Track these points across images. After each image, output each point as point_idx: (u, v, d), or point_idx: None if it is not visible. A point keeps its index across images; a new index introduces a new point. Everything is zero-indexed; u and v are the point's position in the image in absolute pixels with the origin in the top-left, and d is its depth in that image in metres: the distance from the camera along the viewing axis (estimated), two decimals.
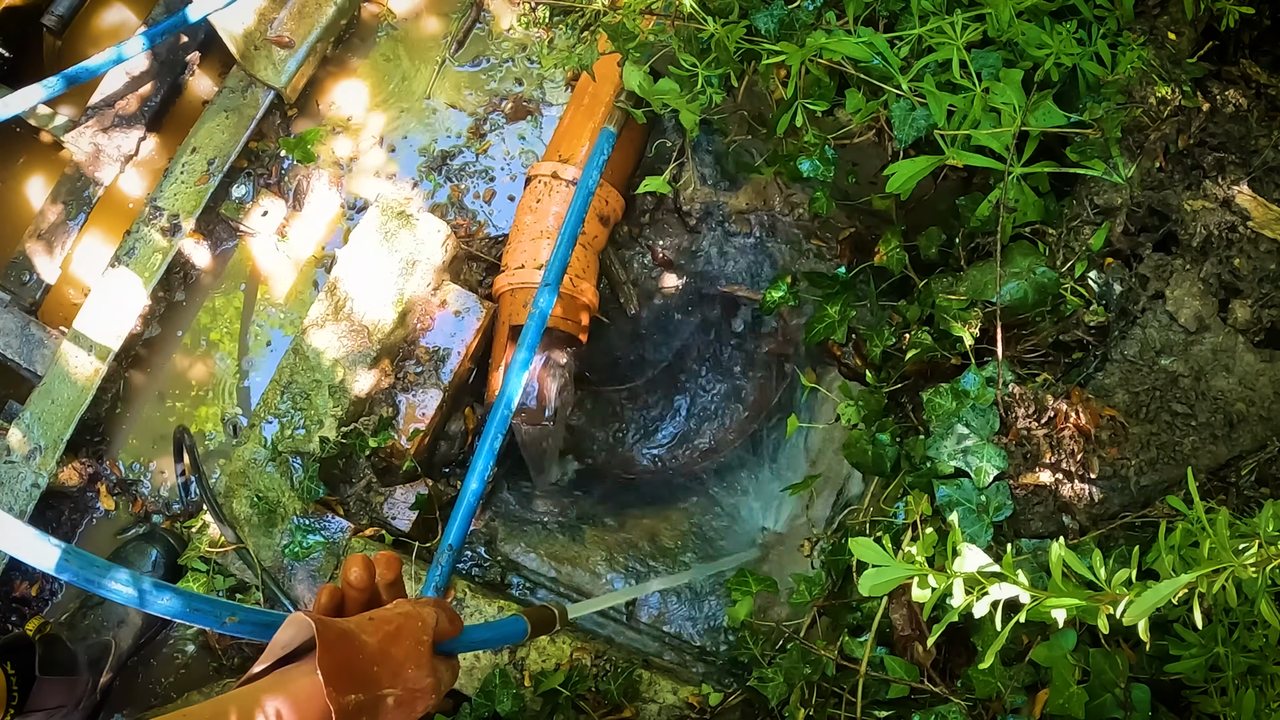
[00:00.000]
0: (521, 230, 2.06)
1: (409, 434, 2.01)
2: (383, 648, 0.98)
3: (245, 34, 2.21)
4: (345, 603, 1.07)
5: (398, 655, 0.99)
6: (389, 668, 0.98)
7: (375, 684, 0.96)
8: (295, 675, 0.94)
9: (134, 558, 2.02)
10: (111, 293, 2.16)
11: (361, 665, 0.95)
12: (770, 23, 1.68)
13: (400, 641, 1.00)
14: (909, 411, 1.82)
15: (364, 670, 0.95)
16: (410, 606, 1.05)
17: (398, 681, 0.98)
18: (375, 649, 0.97)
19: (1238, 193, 1.58)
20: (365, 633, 0.98)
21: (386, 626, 1.00)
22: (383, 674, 0.97)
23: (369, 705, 0.94)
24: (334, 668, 0.91)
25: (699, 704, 1.73)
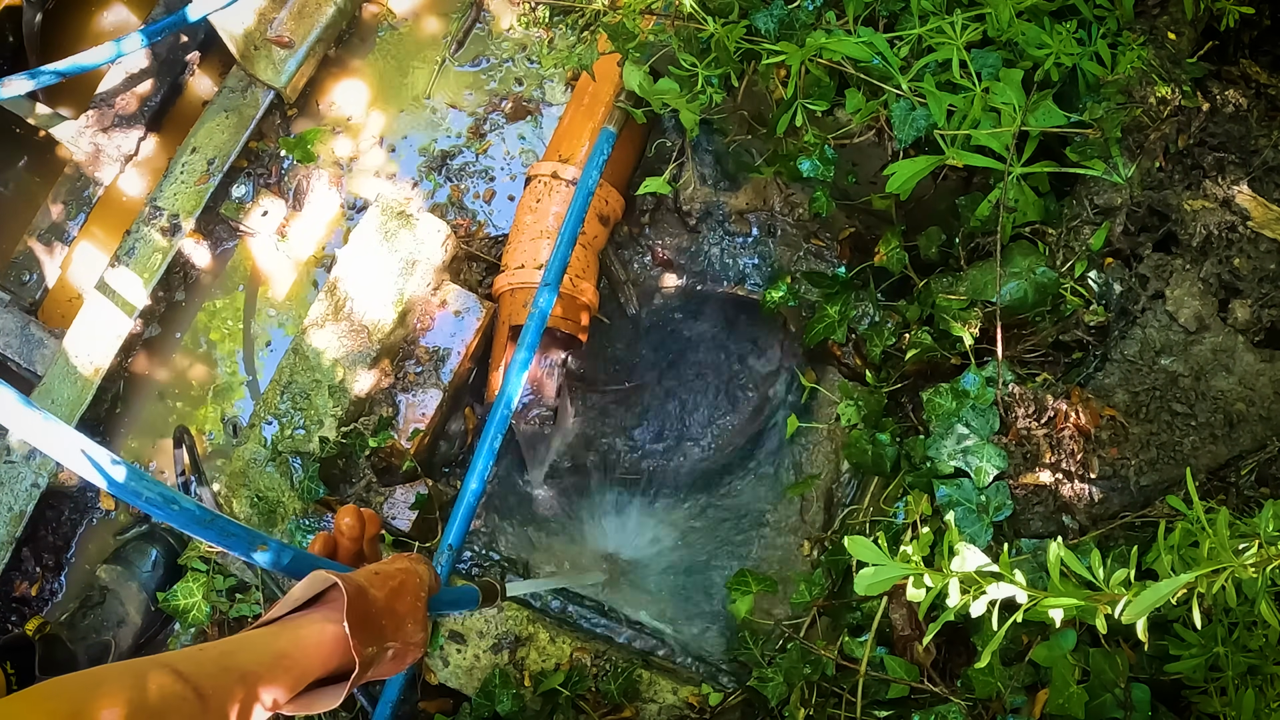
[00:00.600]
0: (521, 230, 2.06)
1: (409, 434, 2.01)
2: (389, 602, 1.02)
3: (245, 34, 2.21)
4: (338, 550, 1.13)
5: (401, 610, 1.03)
6: (393, 621, 1.01)
7: (382, 636, 0.99)
8: (305, 623, 0.97)
9: (134, 558, 2.02)
10: (111, 292, 2.16)
11: (374, 619, 0.99)
12: (770, 23, 1.68)
13: (403, 596, 1.04)
14: (909, 411, 1.82)
15: (375, 623, 0.99)
16: (408, 563, 1.09)
17: (399, 635, 1.02)
18: (383, 603, 1.01)
19: (1238, 193, 1.58)
20: (374, 587, 1.01)
21: (391, 582, 1.04)
22: (389, 627, 1.01)
23: (377, 656, 0.98)
24: (356, 621, 0.95)
25: (699, 704, 1.73)
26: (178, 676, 0.84)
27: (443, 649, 1.80)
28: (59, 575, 2.16)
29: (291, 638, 0.96)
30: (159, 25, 2.08)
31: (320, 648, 0.96)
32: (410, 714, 1.80)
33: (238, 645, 0.93)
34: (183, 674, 0.85)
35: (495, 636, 1.80)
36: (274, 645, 0.94)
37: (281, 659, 0.92)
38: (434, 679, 1.80)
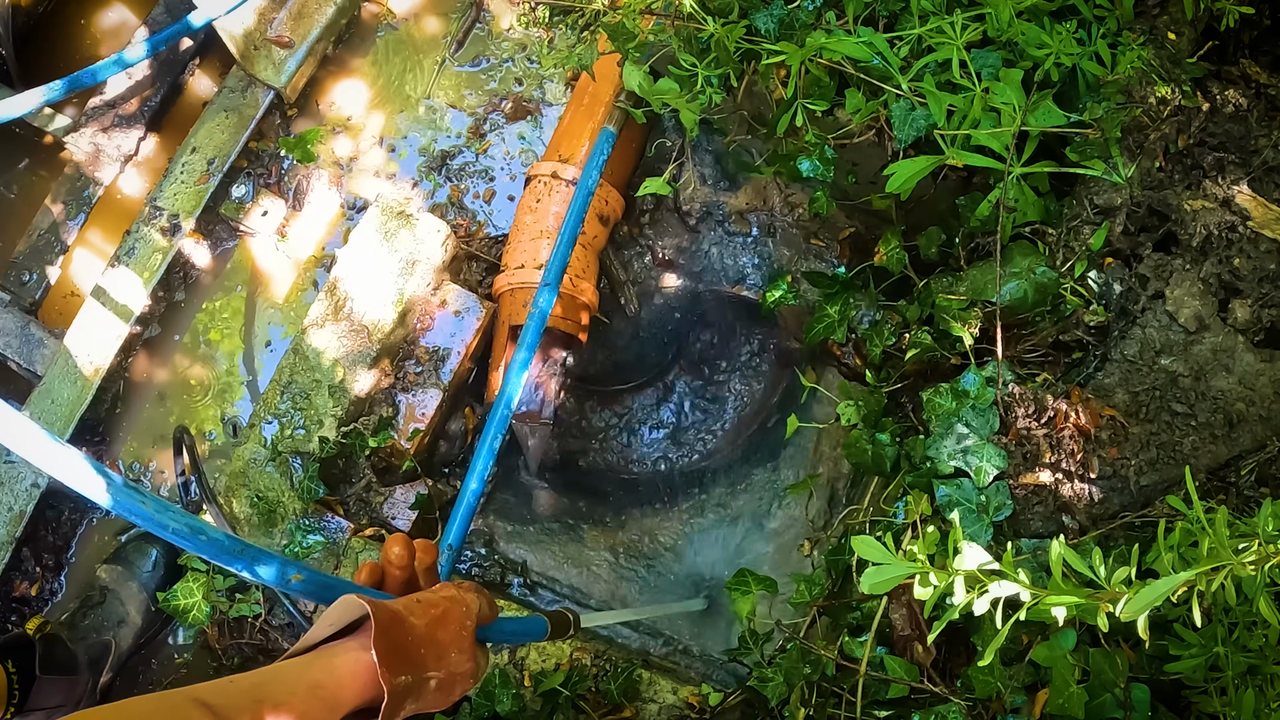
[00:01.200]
0: (521, 230, 2.06)
1: (409, 434, 2.01)
2: (429, 631, 0.99)
3: (245, 34, 2.21)
4: (385, 580, 1.10)
5: (443, 639, 1.00)
6: (435, 651, 0.99)
7: (421, 666, 0.97)
8: (339, 651, 0.95)
9: (134, 557, 2.02)
10: (111, 293, 2.16)
11: (410, 647, 0.96)
12: (770, 23, 1.68)
13: (446, 625, 1.02)
14: (909, 411, 1.82)
15: (412, 652, 0.97)
16: (455, 590, 1.07)
17: (442, 665, 0.99)
18: (423, 632, 0.99)
19: (1238, 193, 1.58)
20: (414, 615, 0.99)
21: (433, 610, 1.02)
22: (429, 656, 0.98)
23: (415, 687, 0.96)
24: (387, 650, 0.93)
25: (699, 704, 1.73)
26: (207, 710, 0.82)
27: None
28: (59, 575, 2.16)
29: (325, 667, 0.93)
30: (163, 35, 2.08)
31: (355, 678, 0.93)
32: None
33: (269, 676, 0.91)
34: (213, 707, 0.83)
35: None
36: (306, 676, 0.92)
37: (315, 690, 0.90)
38: None
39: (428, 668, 0.98)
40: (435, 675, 0.99)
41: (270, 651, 1.94)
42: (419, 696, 0.97)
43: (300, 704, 0.88)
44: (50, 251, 2.29)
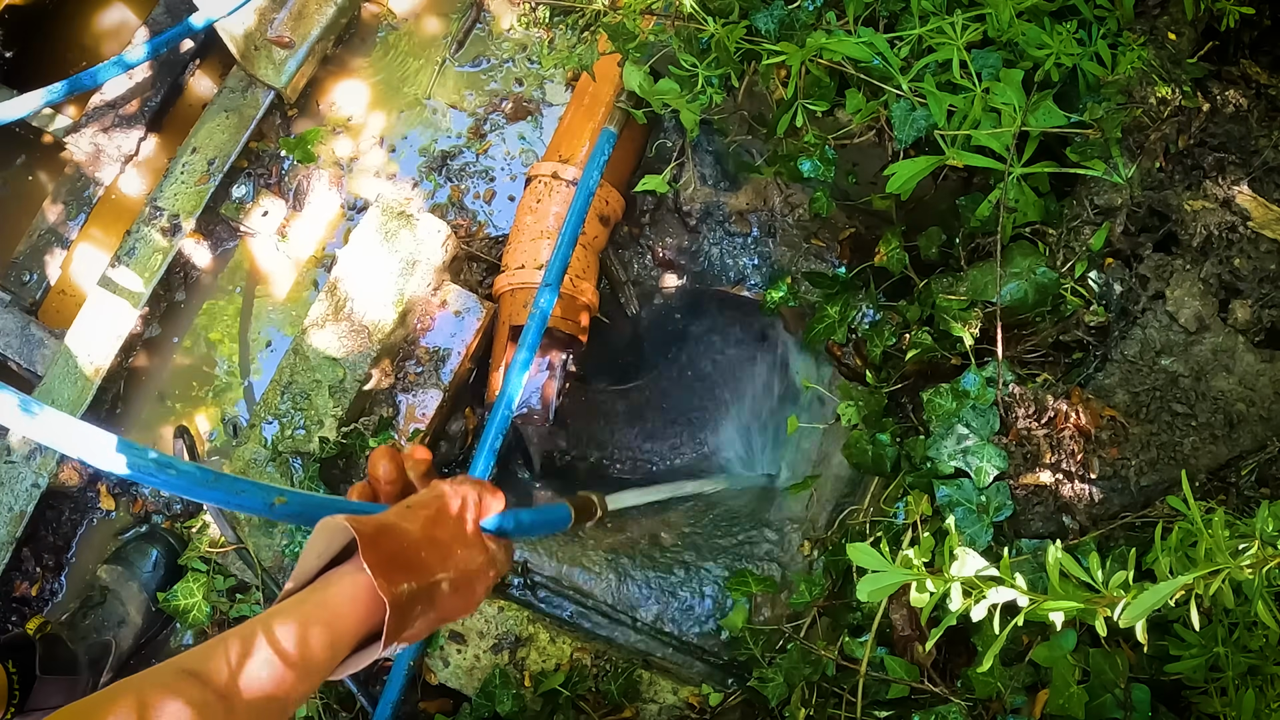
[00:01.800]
0: (521, 230, 2.06)
1: (409, 434, 2.01)
2: (426, 532, 0.93)
3: (245, 34, 2.21)
4: (378, 498, 1.03)
5: (443, 537, 0.94)
6: (436, 552, 0.93)
7: (425, 570, 0.90)
8: (332, 581, 0.88)
9: (134, 558, 2.02)
10: (111, 293, 2.16)
11: (408, 553, 0.90)
12: (770, 23, 1.68)
13: (443, 523, 0.96)
14: (909, 411, 1.82)
15: (411, 557, 0.90)
16: (447, 486, 1.00)
17: (449, 564, 0.93)
18: (418, 534, 0.92)
19: (1238, 193, 1.58)
20: (405, 520, 0.93)
21: (425, 511, 0.96)
22: (431, 559, 0.92)
23: (423, 593, 0.89)
24: (380, 560, 0.86)
25: (699, 704, 1.73)
26: (195, 680, 0.76)
27: (443, 649, 1.80)
28: (59, 575, 2.16)
29: (317, 602, 0.86)
30: (163, 37, 2.08)
31: (355, 603, 0.86)
32: (410, 714, 1.80)
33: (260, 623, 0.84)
34: (201, 675, 0.77)
35: (495, 636, 1.81)
36: (298, 617, 0.84)
37: (309, 630, 0.83)
38: (434, 679, 1.80)
39: (433, 570, 0.91)
40: (444, 577, 0.92)
41: None
42: (432, 602, 0.91)
43: (296, 649, 0.82)
44: (50, 252, 2.29)
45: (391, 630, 0.85)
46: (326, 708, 1.83)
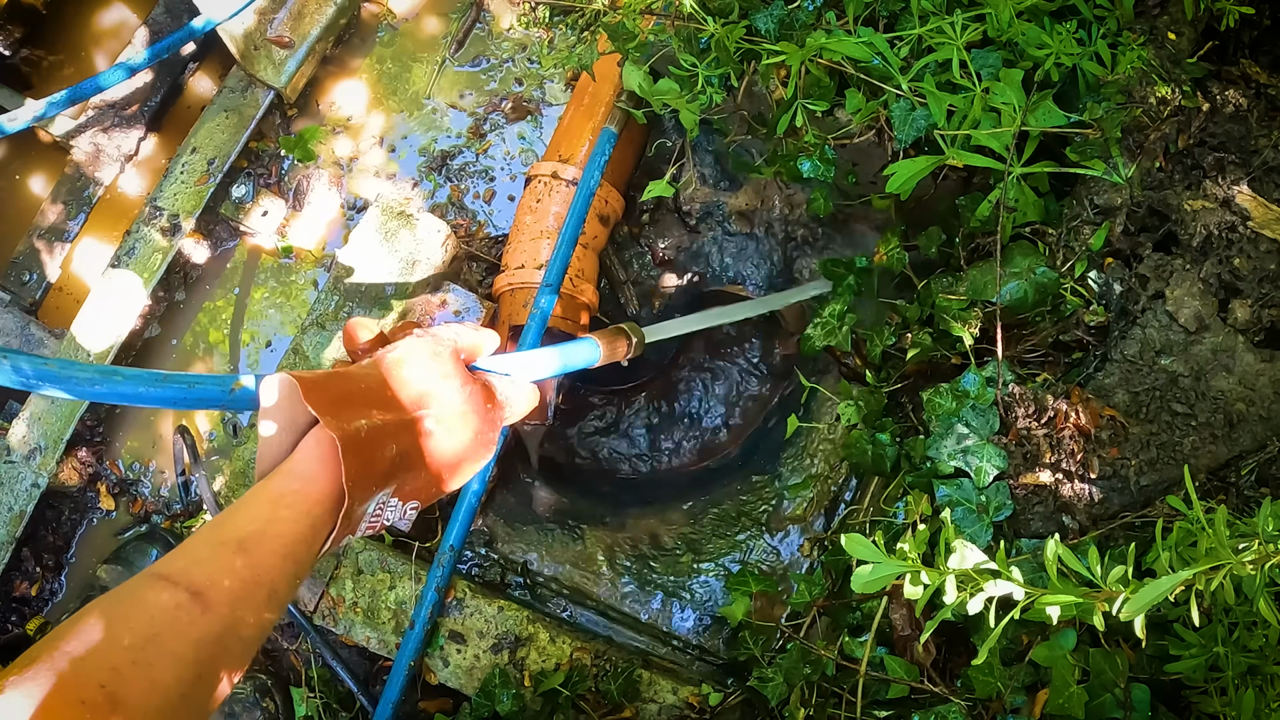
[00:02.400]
0: (521, 230, 2.06)
1: None
2: (391, 372, 0.85)
3: (245, 34, 2.21)
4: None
5: (413, 375, 0.85)
6: (408, 391, 0.84)
7: (392, 406, 0.82)
8: (296, 454, 0.80)
9: (134, 557, 2.02)
10: (111, 293, 2.16)
11: (365, 392, 0.82)
12: (770, 23, 1.68)
13: (411, 362, 0.86)
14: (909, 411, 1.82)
15: (369, 395, 0.82)
16: (420, 329, 0.92)
17: (427, 401, 0.84)
18: (379, 377, 0.84)
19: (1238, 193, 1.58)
20: (363, 368, 0.85)
21: (389, 354, 0.87)
22: (400, 397, 0.83)
23: (391, 431, 0.81)
24: (327, 399, 0.78)
25: (699, 704, 1.73)
26: (163, 582, 0.70)
27: (443, 649, 1.80)
28: (59, 575, 2.16)
29: (283, 472, 0.79)
30: (165, 42, 2.09)
31: (323, 463, 0.78)
32: (410, 713, 1.80)
33: (224, 516, 0.77)
34: (168, 576, 0.70)
35: (495, 636, 1.80)
36: (265, 493, 0.77)
37: (279, 502, 0.76)
38: (434, 679, 1.80)
39: (403, 408, 0.82)
40: (425, 414, 0.83)
41: (270, 651, 1.94)
42: (412, 442, 0.82)
43: (269, 526, 0.75)
44: (50, 251, 2.29)
45: (353, 473, 0.77)
46: (326, 707, 1.83)
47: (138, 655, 0.66)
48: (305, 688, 1.84)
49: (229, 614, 0.71)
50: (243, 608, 0.72)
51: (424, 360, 0.87)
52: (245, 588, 0.72)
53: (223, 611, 0.71)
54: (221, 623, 0.70)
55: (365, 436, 0.78)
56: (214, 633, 0.70)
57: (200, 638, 0.69)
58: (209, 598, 0.70)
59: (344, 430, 0.77)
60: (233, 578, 0.72)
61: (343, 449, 0.76)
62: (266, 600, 0.74)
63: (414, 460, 0.83)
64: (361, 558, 1.86)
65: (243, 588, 0.72)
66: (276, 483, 0.78)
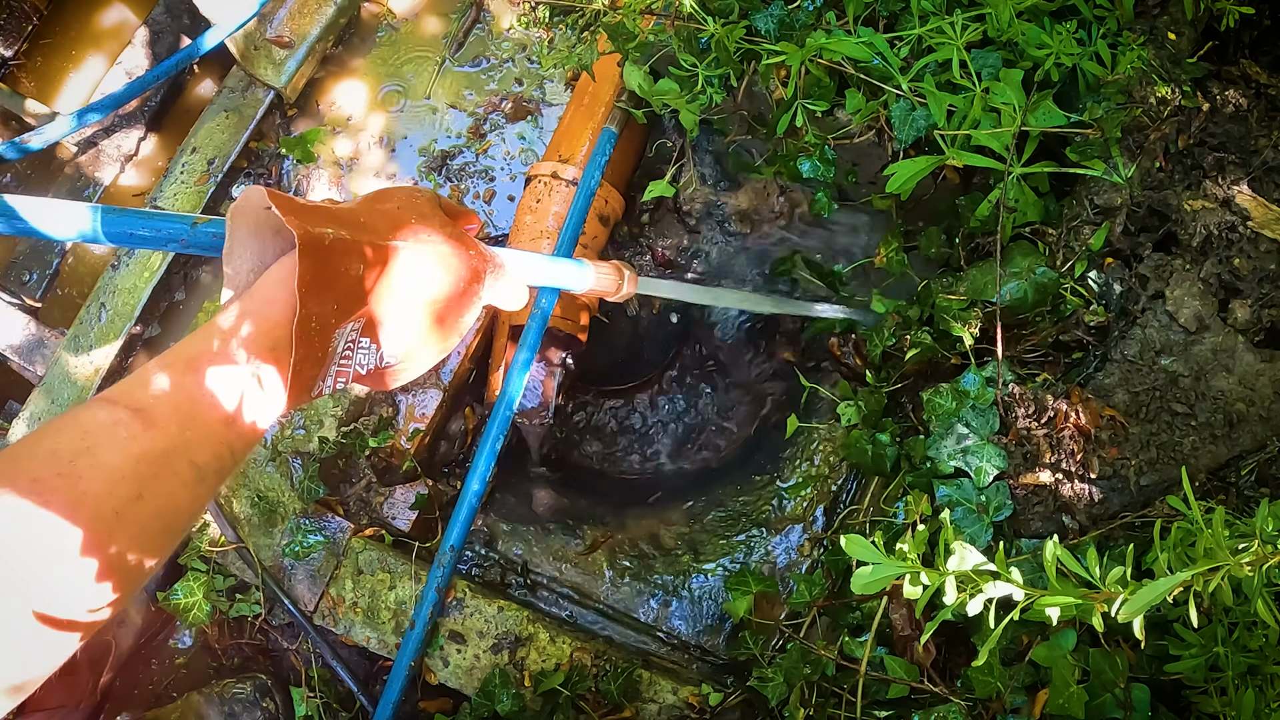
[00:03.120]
0: (521, 230, 2.06)
1: (409, 434, 2.01)
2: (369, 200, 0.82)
3: (245, 34, 2.21)
4: None
5: (391, 205, 0.81)
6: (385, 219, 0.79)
7: (363, 229, 0.77)
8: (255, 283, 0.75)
9: None
10: (112, 292, 2.16)
11: (340, 214, 0.77)
12: (770, 23, 1.68)
13: (392, 196, 0.83)
14: (909, 411, 1.82)
15: (344, 217, 0.77)
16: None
17: (404, 234, 0.80)
18: (355, 205, 0.81)
19: (1238, 193, 1.58)
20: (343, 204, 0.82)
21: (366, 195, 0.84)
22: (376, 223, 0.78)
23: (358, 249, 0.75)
24: (295, 207, 0.73)
25: (699, 704, 1.73)
26: (102, 401, 0.66)
27: (443, 649, 1.80)
28: None
29: (242, 298, 0.74)
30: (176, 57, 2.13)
31: (284, 284, 0.72)
32: (410, 713, 1.80)
33: (182, 342, 0.72)
34: (108, 396, 0.66)
35: (495, 636, 1.80)
36: (221, 315, 0.73)
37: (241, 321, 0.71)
38: (434, 679, 1.80)
39: (375, 231, 0.77)
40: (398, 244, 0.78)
41: (270, 651, 1.94)
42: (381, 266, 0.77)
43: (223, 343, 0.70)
44: (50, 251, 2.29)
45: (307, 278, 0.71)
46: (326, 707, 1.83)
47: (64, 467, 0.61)
48: (305, 688, 1.84)
49: (176, 433, 0.66)
50: (194, 428, 0.67)
51: (405, 195, 0.83)
52: (195, 406, 0.67)
53: (169, 429, 0.65)
54: (167, 440, 0.65)
55: (330, 244, 0.72)
56: (157, 449, 0.64)
57: (141, 453, 0.64)
58: (153, 414, 0.65)
59: (307, 231, 0.71)
60: (181, 395, 0.67)
61: (301, 248, 0.70)
62: (223, 425, 0.68)
63: (385, 290, 0.77)
64: (361, 558, 1.86)
65: (192, 406, 0.67)
66: (232, 307, 0.73)
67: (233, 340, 0.70)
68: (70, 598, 0.60)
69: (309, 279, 0.71)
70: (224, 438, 0.68)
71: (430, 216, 0.83)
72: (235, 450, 0.70)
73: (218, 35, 2.13)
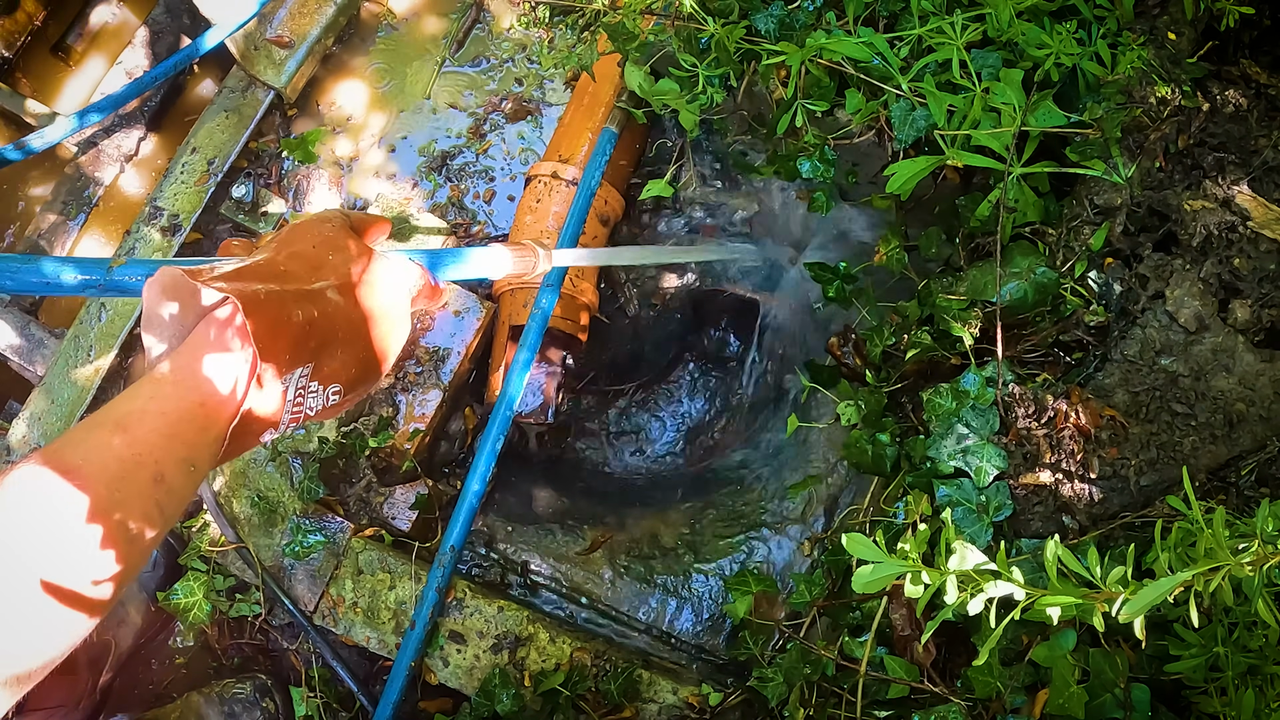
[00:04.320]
0: (521, 230, 2.06)
1: (409, 434, 2.01)
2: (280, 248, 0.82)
3: (245, 34, 2.21)
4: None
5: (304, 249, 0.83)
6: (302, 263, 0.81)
7: (291, 279, 0.79)
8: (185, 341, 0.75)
9: None
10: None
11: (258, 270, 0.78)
12: (770, 23, 1.68)
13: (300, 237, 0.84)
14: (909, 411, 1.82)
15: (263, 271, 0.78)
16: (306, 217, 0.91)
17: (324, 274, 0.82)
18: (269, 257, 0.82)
19: (1238, 193, 1.58)
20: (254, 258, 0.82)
21: (275, 235, 0.86)
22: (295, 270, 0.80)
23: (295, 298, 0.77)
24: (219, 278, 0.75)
25: (699, 704, 1.73)
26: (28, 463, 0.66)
27: (443, 649, 1.80)
28: None
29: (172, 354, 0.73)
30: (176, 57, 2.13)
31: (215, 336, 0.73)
32: (410, 714, 1.80)
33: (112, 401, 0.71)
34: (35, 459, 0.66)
35: (495, 636, 1.80)
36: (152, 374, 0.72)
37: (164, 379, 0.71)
38: (434, 679, 1.80)
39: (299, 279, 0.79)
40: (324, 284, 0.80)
41: (270, 651, 1.94)
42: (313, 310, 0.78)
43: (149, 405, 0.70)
44: (51, 251, 2.29)
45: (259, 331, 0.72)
46: (326, 707, 1.83)
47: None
48: (305, 688, 1.84)
49: (106, 495, 0.66)
50: (123, 489, 0.67)
51: (314, 230, 0.85)
52: (124, 467, 0.67)
53: (99, 491, 0.66)
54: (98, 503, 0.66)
55: (265, 298, 0.74)
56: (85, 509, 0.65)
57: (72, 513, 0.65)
58: (84, 475, 0.65)
59: (242, 292, 0.73)
60: (108, 456, 0.67)
61: (245, 308, 0.72)
62: (152, 483, 0.68)
63: (325, 332, 0.79)
64: (361, 558, 1.86)
65: (120, 467, 0.67)
66: (163, 364, 0.74)
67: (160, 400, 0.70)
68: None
69: (261, 331, 0.72)
70: (154, 493, 0.69)
71: (344, 246, 0.85)
72: (169, 506, 0.71)
73: (218, 35, 2.13)
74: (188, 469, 0.70)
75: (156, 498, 0.68)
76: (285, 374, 0.76)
